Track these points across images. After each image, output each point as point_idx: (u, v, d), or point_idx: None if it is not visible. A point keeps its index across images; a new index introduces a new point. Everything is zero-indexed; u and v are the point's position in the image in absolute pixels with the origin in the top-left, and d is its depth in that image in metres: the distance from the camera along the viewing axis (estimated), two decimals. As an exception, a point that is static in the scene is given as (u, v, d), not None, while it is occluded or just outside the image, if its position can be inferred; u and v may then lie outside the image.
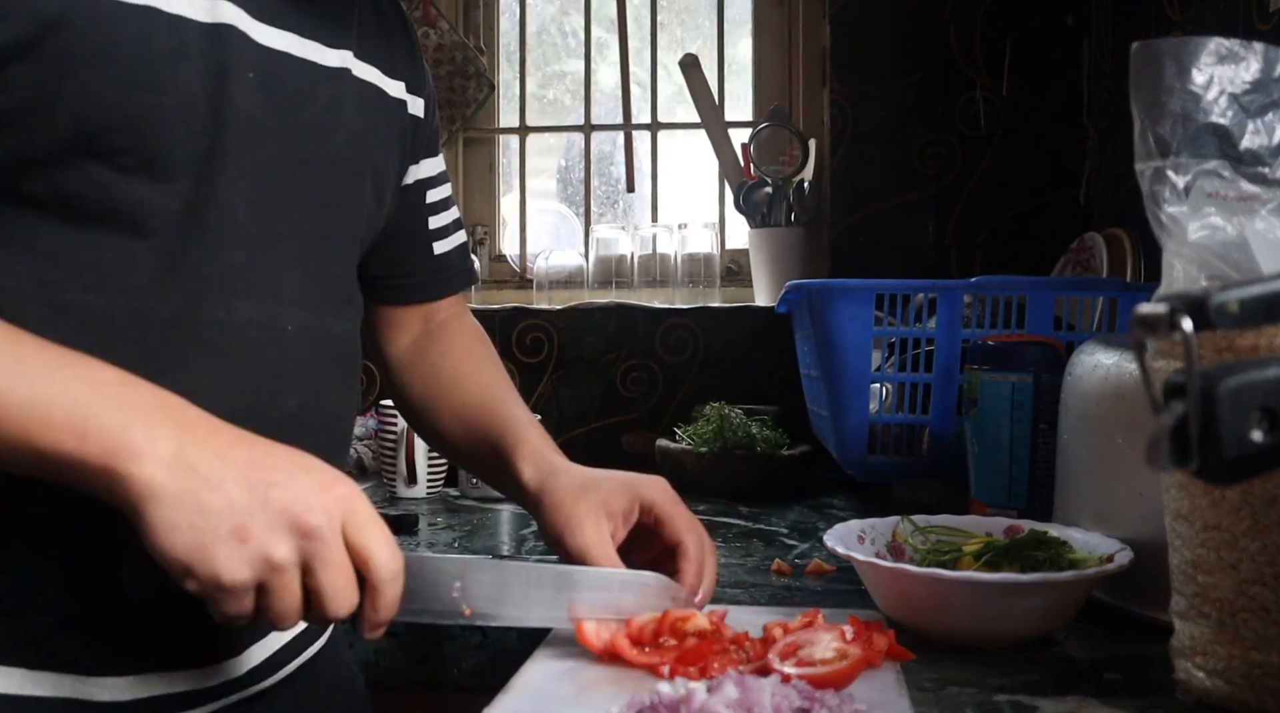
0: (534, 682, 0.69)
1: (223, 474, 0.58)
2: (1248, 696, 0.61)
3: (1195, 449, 0.43)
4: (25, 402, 0.56)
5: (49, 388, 0.57)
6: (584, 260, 1.99)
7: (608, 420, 1.81)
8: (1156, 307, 0.46)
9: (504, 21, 2.08)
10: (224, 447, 0.60)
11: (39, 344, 0.60)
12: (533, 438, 0.91)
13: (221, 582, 0.57)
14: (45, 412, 0.56)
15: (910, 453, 1.31)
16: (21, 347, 0.59)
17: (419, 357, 1.00)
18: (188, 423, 0.60)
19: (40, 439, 0.56)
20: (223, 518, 0.57)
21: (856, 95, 1.81)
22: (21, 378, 0.57)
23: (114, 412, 0.58)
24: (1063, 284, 1.44)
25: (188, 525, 0.57)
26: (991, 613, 0.74)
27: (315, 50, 0.77)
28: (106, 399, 0.58)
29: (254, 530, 0.58)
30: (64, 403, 0.57)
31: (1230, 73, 0.67)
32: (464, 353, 1.01)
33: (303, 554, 0.59)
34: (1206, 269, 0.65)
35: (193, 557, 0.57)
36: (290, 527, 0.59)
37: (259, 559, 0.58)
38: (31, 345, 0.60)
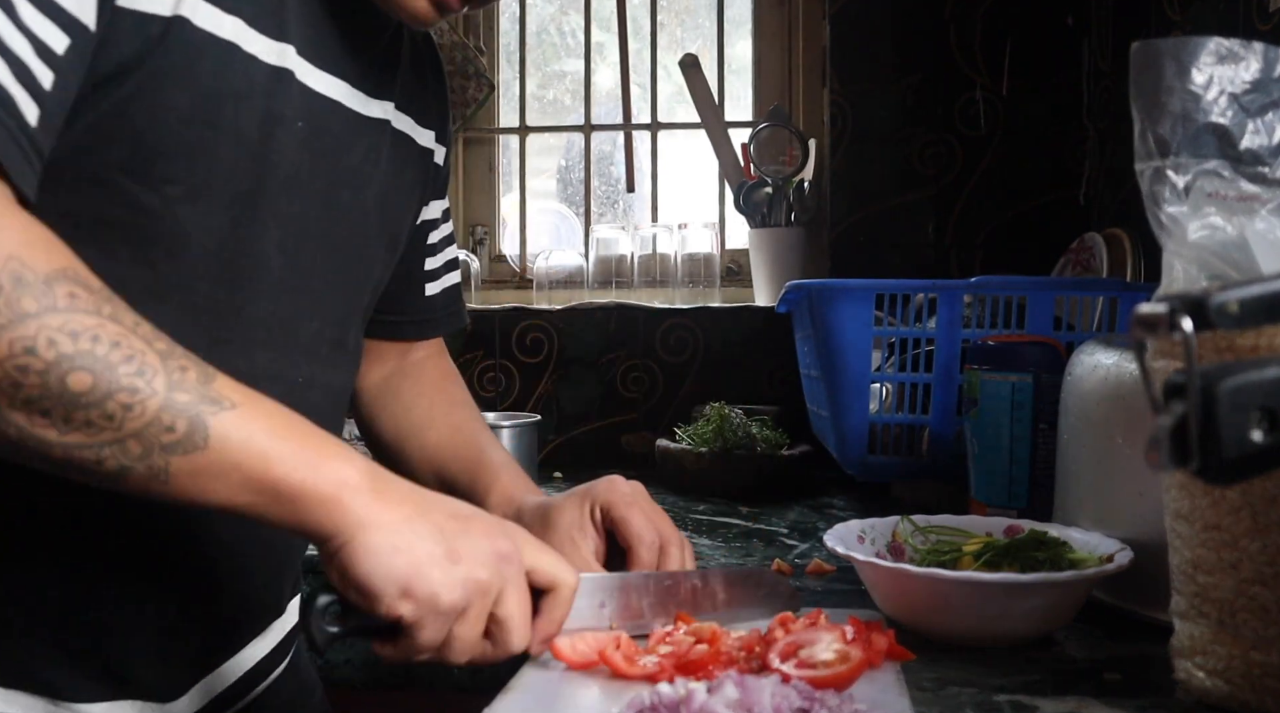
0: (534, 682, 0.69)
1: (428, 505, 0.64)
2: (1248, 696, 0.61)
3: (1195, 449, 0.43)
4: (267, 432, 0.59)
5: (282, 425, 0.60)
6: (584, 260, 1.99)
7: (608, 420, 1.81)
8: (1156, 307, 0.46)
9: (504, 21, 2.08)
10: (413, 486, 0.65)
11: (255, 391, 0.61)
12: (503, 480, 0.91)
13: (439, 601, 0.61)
14: (283, 445, 0.59)
15: (910, 453, 1.31)
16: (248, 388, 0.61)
17: (391, 393, 1.00)
18: (376, 466, 0.64)
19: (279, 469, 0.59)
20: (436, 541, 0.62)
21: (856, 95, 1.81)
22: (262, 414, 0.60)
23: (334, 450, 0.62)
24: (1063, 284, 1.44)
25: (406, 548, 0.61)
26: (991, 613, 0.74)
27: (360, 100, 0.78)
28: (324, 441, 0.62)
29: (464, 554, 0.62)
30: (299, 439, 0.60)
31: (1230, 73, 0.67)
32: (437, 393, 1.00)
33: (501, 579, 0.64)
34: (1206, 269, 0.65)
35: (412, 577, 0.60)
36: (491, 552, 0.64)
37: (470, 580, 0.62)
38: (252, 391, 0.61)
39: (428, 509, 0.63)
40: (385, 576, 0.60)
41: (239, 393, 0.59)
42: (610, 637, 0.73)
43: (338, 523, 0.60)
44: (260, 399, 0.61)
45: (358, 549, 0.60)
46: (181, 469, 0.57)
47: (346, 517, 0.60)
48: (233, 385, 0.60)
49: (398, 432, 0.98)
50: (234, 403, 0.58)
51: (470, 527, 0.64)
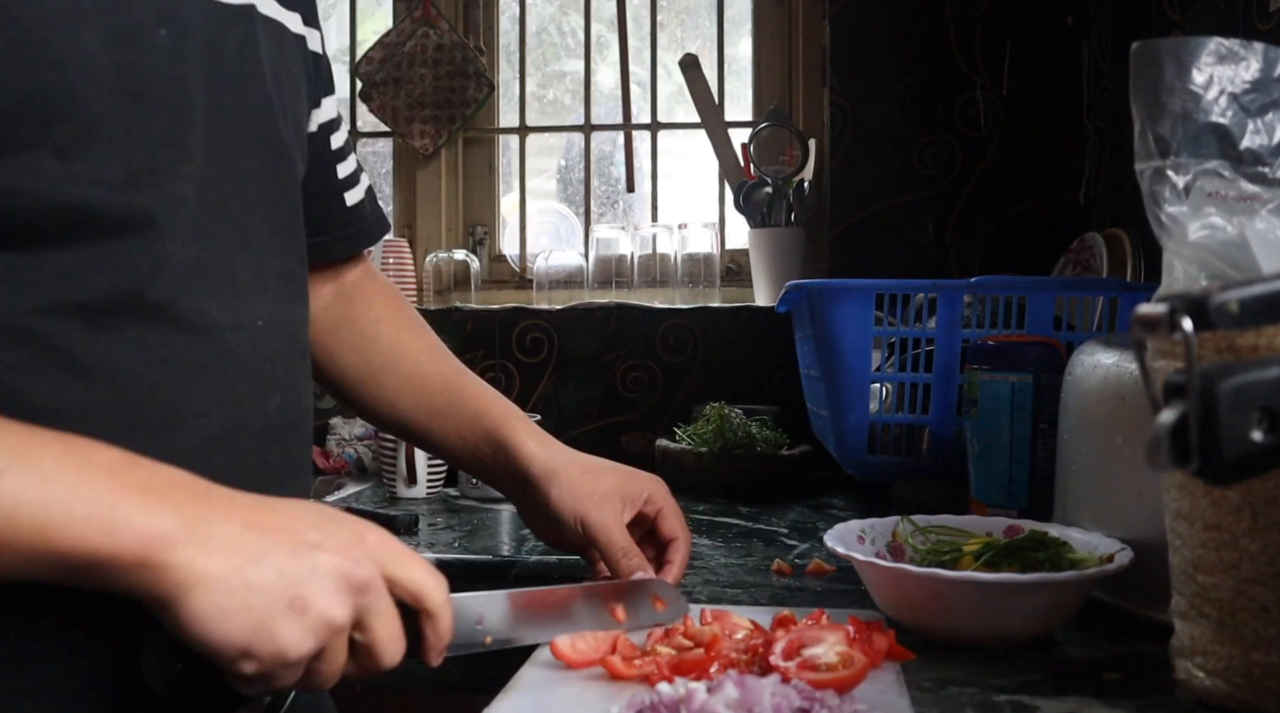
0: (534, 682, 0.69)
1: (263, 545, 0.55)
2: (1248, 696, 0.61)
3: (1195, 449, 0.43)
4: (40, 501, 0.50)
5: (61, 481, 0.51)
6: (584, 260, 1.99)
7: (608, 420, 1.81)
8: (1156, 307, 0.46)
9: (504, 21, 2.08)
10: (250, 516, 0.56)
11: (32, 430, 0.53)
12: (518, 415, 0.89)
13: (288, 657, 0.54)
14: (65, 509, 0.50)
15: (910, 453, 1.31)
16: (19, 436, 0.52)
17: (344, 324, 0.91)
18: (206, 497, 0.56)
19: (62, 541, 0.50)
20: (276, 592, 0.54)
21: (856, 95, 1.81)
22: (30, 475, 0.50)
23: (137, 498, 0.53)
24: (1063, 284, 1.44)
25: (241, 608, 0.53)
26: (991, 613, 0.74)
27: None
28: (126, 485, 0.53)
29: (311, 599, 0.55)
30: (83, 496, 0.51)
31: (1230, 73, 0.67)
32: (397, 318, 0.93)
33: (357, 611, 0.57)
34: (1206, 269, 0.65)
35: (253, 638, 0.53)
36: (344, 585, 0.56)
37: (320, 625, 0.55)
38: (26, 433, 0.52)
39: (264, 550, 0.55)
40: (222, 641, 0.53)
41: (10, 452, 0.51)
42: (609, 638, 0.73)
43: (154, 588, 0.52)
44: (37, 451, 0.52)
45: (184, 615, 0.52)
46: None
47: (163, 581, 0.52)
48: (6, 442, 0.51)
49: (366, 366, 0.90)
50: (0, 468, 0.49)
51: (318, 559, 0.56)
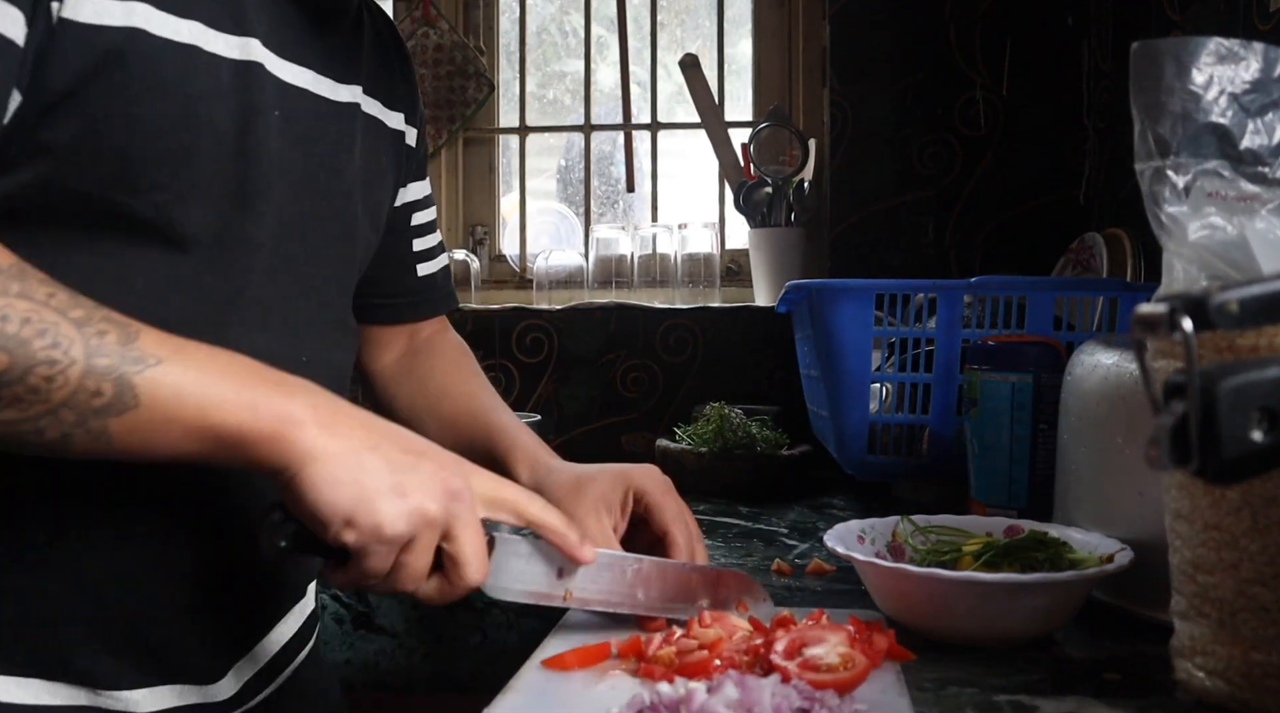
0: (534, 682, 0.69)
1: (376, 439, 0.64)
2: (1248, 696, 0.61)
3: (1195, 449, 0.43)
4: (198, 383, 0.60)
5: (214, 371, 0.61)
6: (584, 260, 1.99)
7: (608, 420, 1.81)
8: (1156, 307, 0.46)
9: (504, 21, 2.08)
10: (369, 420, 0.66)
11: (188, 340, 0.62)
12: (524, 441, 0.94)
13: (384, 532, 0.62)
14: (219, 392, 0.60)
15: (910, 453, 1.31)
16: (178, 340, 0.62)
17: (405, 373, 1.03)
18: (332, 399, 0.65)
19: (216, 417, 0.60)
20: (383, 475, 0.63)
21: (856, 95, 1.81)
22: (191, 364, 0.60)
23: (272, 387, 0.62)
24: (1063, 284, 1.44)
25: (351, 480, 0.62)
26: (991, 613, 0.74)
27: (328, 87, 0.79)
28: (264, 379, 0.63)
29: (411, 488, 0.63)
30: (233, 383, 0.61)
31: (1230, 73, 0.67)
32: (450, 366, 1.03)
33: (449, 515, 0.65)
34: (1206, 269, 0.65)
35: (358, 508, 0.61)
36: (441, 488, 0.65)
37: (415, 513, 0.63)
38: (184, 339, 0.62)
39: (378, 442, 0.64)
40: (330, 506, 0.61)
41: (165, 346, 0.60)
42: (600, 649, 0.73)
43: (284, 458, 0.61)
44: (191, 350, 0.61)
45: (304, 481, 0.61)
46: (120, 430, 0.58)
47: (291, 451, 0.61)
48: (160, 340, 0.60)
49: (413, 407, 1.01)
50: (159, 358, 0.59)
51: (421, 462, 0.65)
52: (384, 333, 1.02)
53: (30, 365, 0.56)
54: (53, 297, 0.58)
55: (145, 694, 0.71)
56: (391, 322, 1.02)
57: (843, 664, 0.67)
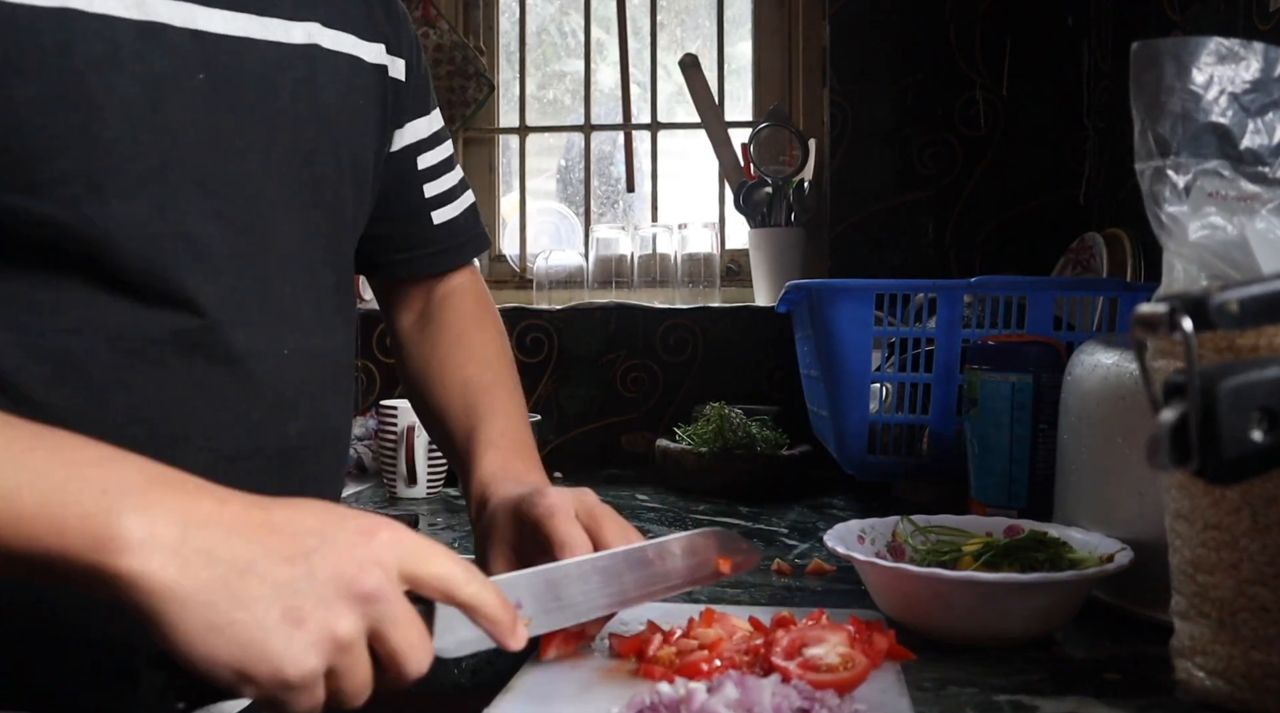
0: (534, 682, 0.69)
1: (250, 553, 0.49)
2: (1248, 696, 0.61)
3: (1195, 449, 0.43)
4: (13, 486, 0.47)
5: (17, 474, 0.47)
6: (584, 260, 1.99)
7: (608, 420, 1.81)
8: (1156, 307, 0.46)
9: (504, 21, 2.08)
10: (239, 519, 0.50)
11: (6, 421, 0.50)
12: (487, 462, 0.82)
13: (288, 679, 0.48)
14: (14, 503, 0.46)
15: (910, 453, 1.31)
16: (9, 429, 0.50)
17: (417, 339, 0.93)
18: (189, 496, 0.50)
19: (10, 536, 0.46)
20: (267, 604, 0.48)
21: (856, 95, 1.81)
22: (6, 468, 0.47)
23: (95, 495, 0.47)
24: (1063, 284, 1.44)
25: (226, 623, 0.47)
26: (991, 613, 0.74)
27: (276, 28, 0.68)
28: (85, 480, 0.48)
29: (307, 609, 0.49)
30: (36, 490, 0.47)
31: (1230, 72, 0.67)
32: (455, 343, 0.92)
33: (368, 621, 0.51)
34: (1207, 269, 0.65)
35: (244, 659, 0.47)
36: (347, 595, 0.50)
37: (323, 641, 0.49)
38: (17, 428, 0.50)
39: (251, 560, 0.49)
40: (211, 661, 0.47)
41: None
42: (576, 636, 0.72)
43: (122, 597, 0.47)
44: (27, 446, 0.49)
45: (164, 632, 0.47)
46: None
47: (128, 591, 0.47)
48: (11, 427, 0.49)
49: (417, 382, 0.92)
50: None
51: (313, 564, 0.50)
52: (402, 289, 0.92)
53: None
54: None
55: None
56: (409, 276, 0.91)
57: (843, 664, 0.67)
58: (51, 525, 0.46)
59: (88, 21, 0.58)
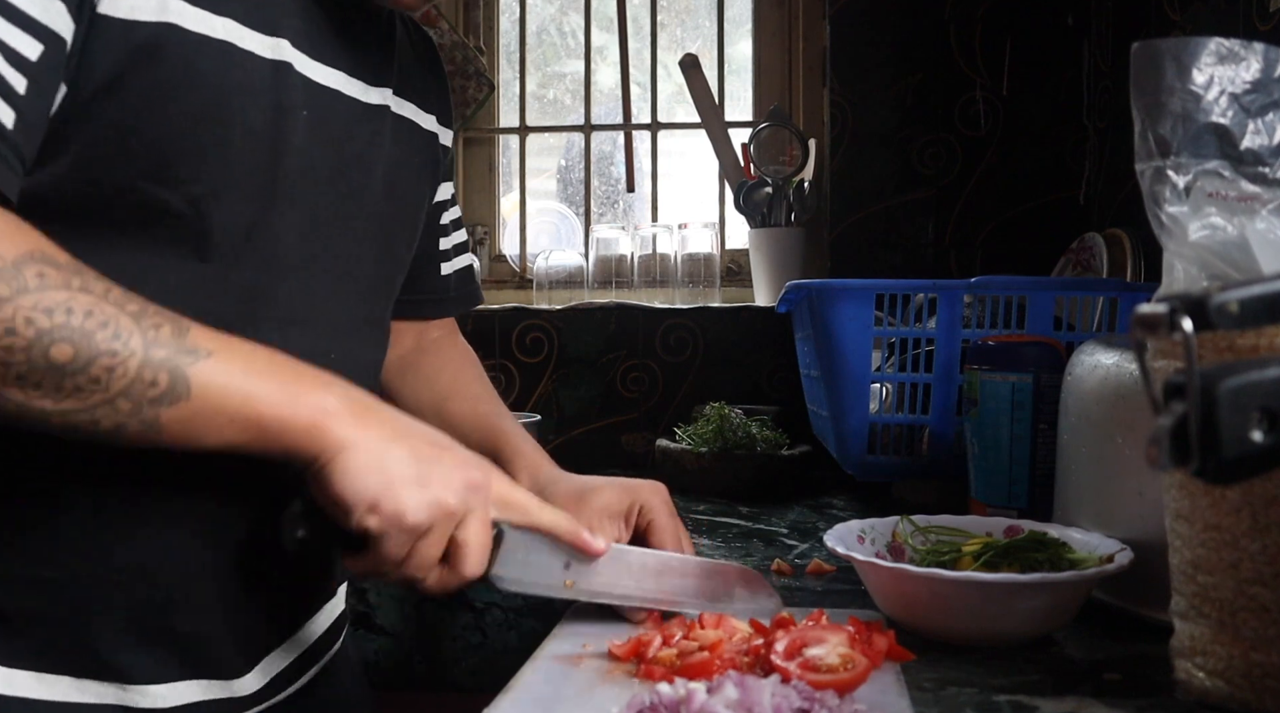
0: (534, 682, 0.69)
1: (406, 432, 0.68)
2: (1248, 696, 0.61)
3: (1195, 449, 0.43)
4: (244, 374, 0.63)
5: (261, 365, 0.64)
6: (584, 260, 1.99)
7: (608, 420, 1.81)
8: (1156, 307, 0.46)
9: (504, 21, 2.08)
10: (400, 419, 0.69)
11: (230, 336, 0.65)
12: (527, 450, 0.95)
13: (405, 520, 0.65)
14: (262, 386, 0.63)
15: (910, 453, 1.31)
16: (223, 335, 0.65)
17: (411, 370, 1.04)
18: (365, 396, 0.69)
19: (260, 408, 0.63)
20: (408, 465, 0.66)
21: (856, 95, 1.81)
22: (237, 358, 0.64)
23: (310, 382, 0.66)
24: (1063, 284, 1.44)
25: (378, 469, 0.65)
26: (991, 613, 0.74)
27: (359, 88, 0.81)
28: (302, 374, 0.66)
29: (433, 479, 0.66)
30: (276, 377, 0.64)
31: (1230, 73, 0.67)
32: (457, 370, 1.05)
33: (465, 506, 0.67)
34: (1207, 269, 0.65)
35: (382, 495, 0.64)
36: (461, 480, 0.67)
37: (436, 504, 0.66)
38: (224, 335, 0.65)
39: (406, 435, 0.67)
40: (357, 491, 0.64)
41: (214, 341, 0.63)
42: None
43: (320, 446, 0.64)
44: (237, 343, 0.64)
45: (335, 468, 0.64)
46: (171, 420, 0.61)
47: (326, 439, 0.64)
48: (208, 335, 0.63)
49: (418, 403, 1.02)
50: (210, 351, 0.62)
51: (444, 456, 0.68)
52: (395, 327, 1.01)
53: (93, 356, 0.58)
54: (109, 292, 0.60)
55: (171, 689, 0.71)
56: (406, 317, 1.02)
57: (843, 665, 0.67)
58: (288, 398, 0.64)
59: (239, 55, 0.69)
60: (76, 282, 0.59)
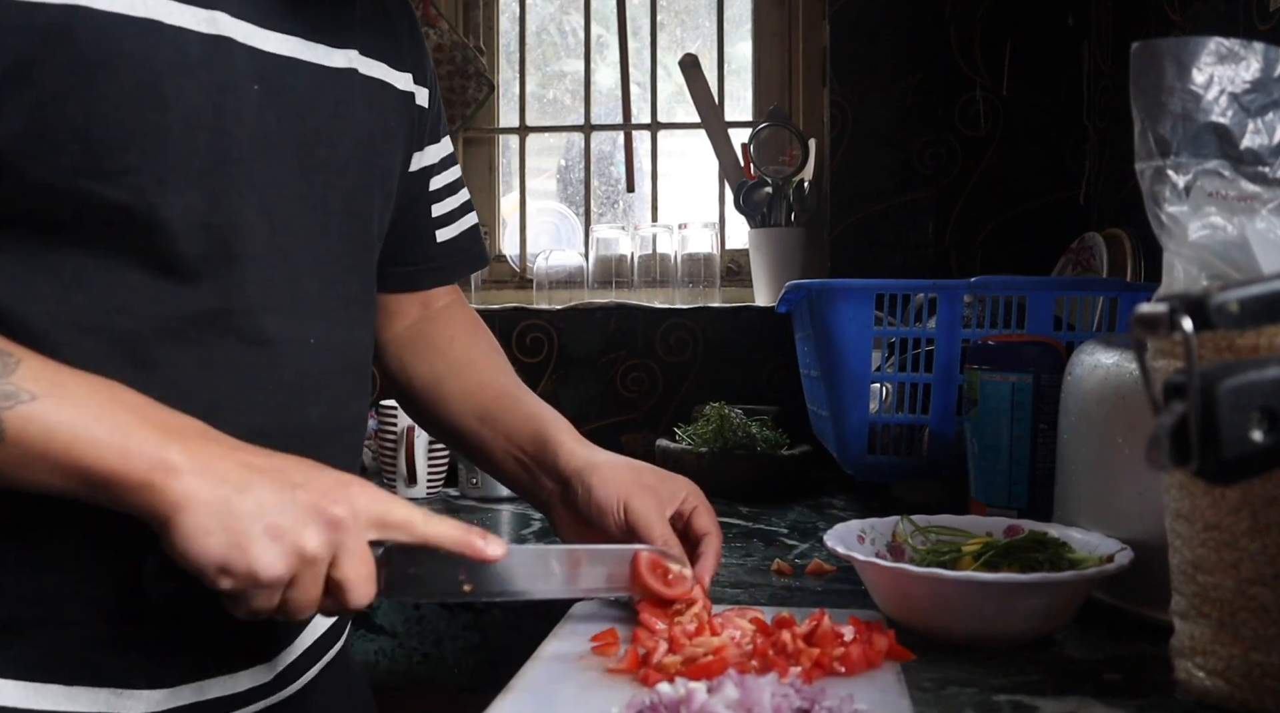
0: (534, 682, 0.69)
1: (250, 479, 0.62)
2: (1248, 696, 0.61)
3: (1195, 449, 0.43)
4: (70, 423, 0.60)
5: (94, 411, 0.61)
6: (584, 260, 1.99)
7: (608, 420, 1.81)
8: (1156, 307, 0.46)
9: (504, 21, 2.08)
10: (246, 459, 0.64)
11: (74, 372, 0.62)
12: (565, 423, 0.92)
13: (259, 577, 0.61)
14: (90, 432, 0.60)
15: (910, 453, 1.31)
16: (60, 374, 0.62)
17: (420, 339, 0.99)
18: (210, 439, 0.64)
19: (86, 458, 0.59)
20: (255, 518, 0.61)
21: (856, 95, 1.81)
22: (66, 402, 0.60)
23: (150, 431, 0.61)
24: (1063, 284, 1.44)
25: (222, 528, 0.61)
26: (991, 613, 0.74)
27: (321, 52, 0.76)
28: (144, 421, 0.62)
29: (286, 527, 0.62)
30: (107, 425, 0.60)
31: (1230, 72, 0.67)
32: (471, 337, 1.00)
33: (331, 546, 0.63)
34: (1207, 269, 0.65)
35: (230, 556, 0.60)
36: (319, 520, 0.63)
37: (293, 553, 0.62)
38: (68, 373, 0.62)
39: (251, 484, 0.62)
40: (202, 556, 0.60)
41: (43, 382, 0.60)
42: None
43: (153, 507, 0.61)
44: (73, 386, 0.61)
45: (175, 530, 0.60)
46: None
47: (161, 498, 0.60)
48: (38, 374, 0.60)
49: (434, 373, 0.97)
50: (34, 394, 0.59)
51: (298, 496, 0.63)
52: (397, 300, 0.99)
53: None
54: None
55: (166, 694, 0.71)
56: (407, 289, 0.98)
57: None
58: (118, 450, 0.60)
59: (166, 32, 0.65)
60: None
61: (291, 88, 0.74)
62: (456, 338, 0.99)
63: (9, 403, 0.58)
